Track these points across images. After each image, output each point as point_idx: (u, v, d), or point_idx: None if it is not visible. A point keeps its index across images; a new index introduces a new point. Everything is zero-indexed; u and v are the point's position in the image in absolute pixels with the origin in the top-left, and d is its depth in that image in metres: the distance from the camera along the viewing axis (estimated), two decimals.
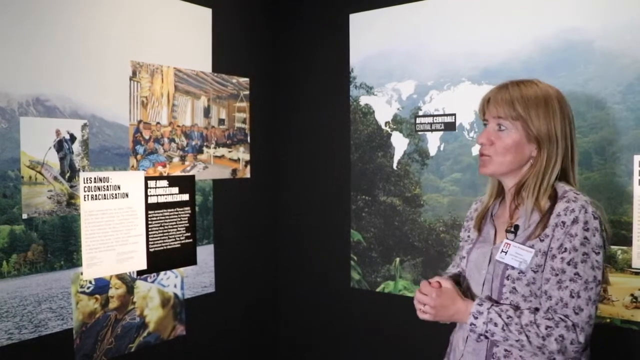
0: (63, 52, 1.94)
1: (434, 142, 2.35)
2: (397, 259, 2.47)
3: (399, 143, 2.45)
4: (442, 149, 2.33)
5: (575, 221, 1.27)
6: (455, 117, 2.28)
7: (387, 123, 2.48)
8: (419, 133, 2.39)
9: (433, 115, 2.34)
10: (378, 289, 2.52)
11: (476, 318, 1.33)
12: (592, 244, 1.27)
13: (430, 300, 1.39)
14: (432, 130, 2.35)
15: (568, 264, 1.27)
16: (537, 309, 1.32)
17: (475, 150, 2.22)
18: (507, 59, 2.13)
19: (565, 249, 1.28)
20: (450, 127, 2.30)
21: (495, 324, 1.30)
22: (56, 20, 1.92)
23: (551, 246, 1.30)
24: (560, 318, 1.26)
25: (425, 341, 2.38)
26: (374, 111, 2.52)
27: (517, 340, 1.28)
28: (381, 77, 2.49)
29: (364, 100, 2.55)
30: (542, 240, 1.31)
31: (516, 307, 1.33)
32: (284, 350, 2.91)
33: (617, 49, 1.90)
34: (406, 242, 2.44)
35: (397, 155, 2.46)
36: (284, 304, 2.90)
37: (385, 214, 2.51)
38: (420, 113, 2.37)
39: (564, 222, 1.29)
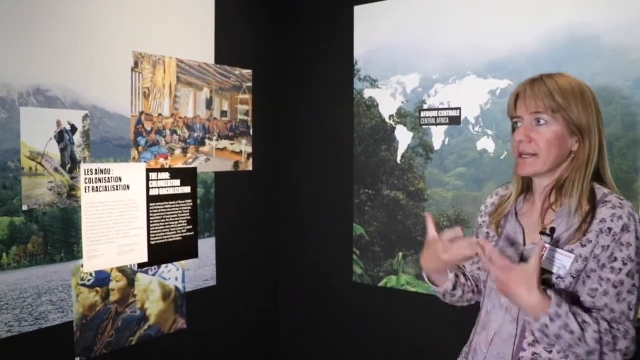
0: (64, 42, 1.92)
1: (438, 135, 2.32)
2: (400, 254, 2.45)
3: (403, 136, 2.43)
4: (446, 143, 2.31)
5: (625, 229, 1.21)
6: (460, 111, 2.26)
7: (391, 116, 2.46)
8: (423, 127, 2.36)
9: (438, 109, 2.31)
10: (380, 284, 2.50)
11: (552, 320, 1.17)
12: None
13: (499, 271, 1.22)
14: (436, 124, 2.32)
15: (627, 275, 1.21)
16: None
17: (481, 144, 2.20)
18: (513, 53, 2.10)
19: (616, 258, 1.21)
20: (454, 120, 2.27)
21: (572, 332, 1.17)
22: (57, 10, 1.89)
23: (595, 253, 1.23)
24: (621, 330, 1.21)
25: (428, 336, 2.37)
26: (377, 104, 2.50)
27: (589, 351, 1.18)
28: (385, 69, 2.46)
29: (367, 93, 2.52)
30: (583, 245, 1.24)
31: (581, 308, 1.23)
32: (285, 344, 2.90)
33: (624, 43, 1.87)
34: (409, 236, 2.42)
35: (401, 148, 2.44)
36: (285, 297, 2.89)
37: (389, 208, 2.49)
38: (425, 106, 2.35)
39: (610, 229, 1.21)
